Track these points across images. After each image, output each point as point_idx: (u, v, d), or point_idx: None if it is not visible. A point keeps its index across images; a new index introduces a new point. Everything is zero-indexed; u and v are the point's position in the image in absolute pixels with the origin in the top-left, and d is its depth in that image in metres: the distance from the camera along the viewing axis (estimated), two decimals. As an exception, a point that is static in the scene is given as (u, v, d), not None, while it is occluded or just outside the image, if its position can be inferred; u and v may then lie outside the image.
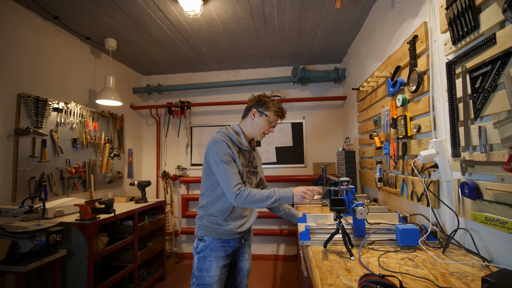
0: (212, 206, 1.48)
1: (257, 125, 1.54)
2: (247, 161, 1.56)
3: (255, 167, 1.64)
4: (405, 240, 1.14)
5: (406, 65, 1.64)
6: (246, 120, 1.57)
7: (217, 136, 1.46)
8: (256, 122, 1.53)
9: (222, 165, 1.38)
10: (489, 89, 0.97)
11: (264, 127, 1.54)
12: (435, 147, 1.24)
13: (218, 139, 1.44)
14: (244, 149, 1.55)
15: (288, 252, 3.68)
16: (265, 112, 1.53)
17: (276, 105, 1.55)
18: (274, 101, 1.55)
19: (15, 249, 1.71)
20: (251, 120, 1.54)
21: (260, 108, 1.54)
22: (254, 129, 1.54)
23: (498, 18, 0.94)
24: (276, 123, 1.58)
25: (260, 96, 1.57)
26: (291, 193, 1.42)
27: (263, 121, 1.53)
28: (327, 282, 0.86)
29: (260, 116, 1.53)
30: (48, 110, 2.40)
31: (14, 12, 2.17)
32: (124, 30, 2.64)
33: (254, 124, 1.54)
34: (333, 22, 2.59)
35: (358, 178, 2.65)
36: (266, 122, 1.53)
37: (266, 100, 1.54)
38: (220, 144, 1.42)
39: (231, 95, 3.87)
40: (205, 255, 1.44)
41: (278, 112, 1.55)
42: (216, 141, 1.43)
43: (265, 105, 1.53)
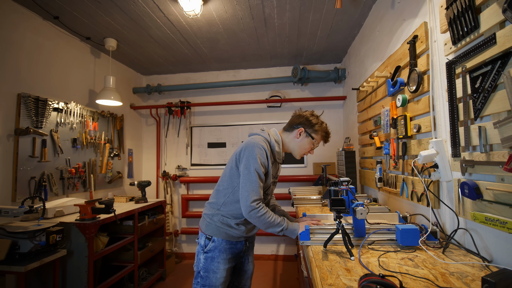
0: (227, 208, 1.43)
1: (300, 145, 1.48)
2: (276, 173, 1.53)
3: (276, 176, 1.61)
4: (405, 240, 1.14)
5: (406, 65, 1.64)
6: (290, 136, 1.51)
7: (259, 141, 1.38)
8: (301, 142, 1.48)
9: (253, 173, 1.32)
10: (489, 89, 0.97)
11: (307, 148, 1.49)
12: (435, 147, 1.24)
13: (260, 144, 1.36)
14: (278, 162, 1.51)
15: (288, 252, 3.68)
16: (313, 134, 1.47)
17: (325, 129, 1.50)
18: (323, 124, 1.50)
19: (15, 249, 1.71)
20: (296, 138, 1.48)
21: (308, 129, 1.47)
22: (296, 147, 1.49)
23: (498, 18, 0.94)
24: (318, 145, 1.53)
25: (309, 116, 1.50)
26: (297, 229, 1.35)
27: (307, 142, 1.47)
28: (327, 282, 0.86)
29: (307, 137, 1.47)
30: (48, 110, 2.40)
31: (14, 12, 2.17)
32: (124, 30, 2.64)
33: (298, 143, 1.48)
34: (333, 22, 2.59)
35: (358, 178, 2.65)
36: (310, 144, 1.48)
37: (315, 122, 1.48)
38: (261, 151, 1.35)
39: (231, 95, 3.87)
40: (213, 256, 1.40)
41: (325, 136, 1.50)
42: (257, 146, 1.35)
43: (313, 127, 1.47)
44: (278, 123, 3.76)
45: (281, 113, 3.80)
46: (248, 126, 3.81)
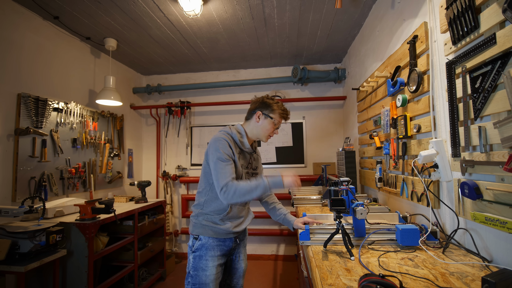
0: (209, 205, 1.46)
1: (262, 128, 1.52)
2: (247, 163, 1.56)
3: (254, 168, 1.63)
4: (405, 240, 1.14)
5: (406, 65, 1.64)
6: (251, 122, 1.56)
7: (220, 135, 1.45)
8: (261, 125, 1.52)
9: (218, 163, 1.37)
10: (489, 89, 0.97)
11: (269, 129, 1.53)
12: (435, 147, 1.24)
13: (220, 137, 1.43)
14: (246, 151, 1.54)
15: (288, 252, 3.68)
16: (270, 114, 1.51)
17: (281, 107, 1.54)
18: (278, 103, 1.55)
19: (15, 249, 1.71)
20: (256, 122, 1.53)
21: (265, 111, 1.52)
22: (259, 131, 1.53)
23: (498, 18, 0.94)
24: (280, 125, 1.57)
25: (264, 98, 1.55)
26: (280, 178, 1.39)
27: (268, 123, 1.52)
28: (327, 282, 0.86)
29: (265, 118, 1.51)
30: (48, 110, 2.40)
31: (14, 12, 2.17)
32: (124, 30, 2.64)
33: (259, 127, 1.53)
34: (333, 22, 2.59)
35: (358, 178, 2.65)
36: (271, 125, 1.52)
37: (270, 102, 1.53)
38: (221, 143, 1.41)
39: (231, 95, 3.87)
40: (201, 254, 1.43)
41: (283, 114, 1.54)
42: (217, 139, 1.42)
43: (270, 108, 1.52)
44: (278, 123, 3.76)
45: (281, 113, 3.79)
46: (248, 126, 3.81)
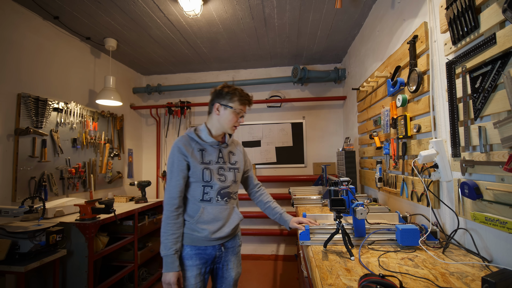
0: (186, 211, 1.40)
1: (224, 119, 1.41)
2: (217, 157, 1.44)
3: (232, 163, 1.50)
4: (405, 240, 1.14)
5: (406, 65, 1.64)
6: (213, 116, 1.45)
7: (175, 143, 1.40)
8: (223, 116, 1.41)
9: (168, 174, 1.37)
10: (489, 89, 0.97)
11: (231, 120, 1.41)
12: (435, 147, 1.25)
13: (174, 146, 1.39)
14: (209, 145, 1.43)
15: (288, 252, 3.68)
16: (229, 104, 1.40)
17: (240, 93, 1.41)
18: (237, 89, 1.42)
19: (15, 249, 1.71)
20: (217, 115, 1.43)
21: (223, 101, 1.41)
22: (222, 123, 1.42)
23: (498, 18, 0.94)
24: (244, 112, 1.46)
25: (220, 89, 1.43)
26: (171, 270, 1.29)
27: (229, 114, 1.41)
28: (327, 282, 0.86)
29: (225, 109, 1.40)
30: (48, 110, 2.40)
31: (14, 12, 2.17)
32: (124, 30, 2.64)
33: (221, 119, 1.42)
34: (333, 22, 2.59)
35: (358, 178, 2.65)
36: (233, 114, 1.41)
37: (227, 90, 1.41)
38: (174, 150, 1.38)
39: (231, 95, 3.87)
40: (180, 263, 1.35)
41: (243, 100, 1.42)
42: (172, 149, 1.39)
43: (227, 97, 1.40)
44: (278, 123, 3.77)
45: (281, 113, 3.80)
46: (248, 126, 3.82)
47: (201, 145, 1.42)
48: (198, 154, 1.39)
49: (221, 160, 1.45)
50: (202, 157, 1.40)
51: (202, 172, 1.37)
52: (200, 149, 1.41)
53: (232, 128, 1.45)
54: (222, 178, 1.42)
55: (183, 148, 1.37)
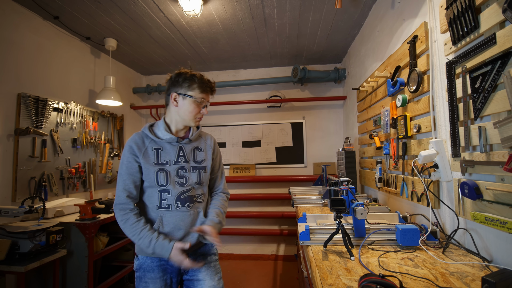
0: None
1: (184, 111, 1.23)
2: (176, 156, 1.26)
3: (198, 161, 1.30)
4: (405, 240, 1.14)
5: (406, 65, 1.64)
6: (171, 109, 1.26)
7: (127, 143, 1.25)
8: (182, 108, 1.23)
9: (118, 176, 1.23)
10: (489, 89, 0.97)
11: (192, 111, 1.23)
12: (435, 147, 1.25)
13: (126, 145, 1.24)
14: (167, 142, 1.26)
15: (288, 252, 3.68)
16: (188, 92, 1.22)
17: (199, 80, 1.22)
18: (195, 75, 1.23)
19: (15, 249, 1.71)
20: (175, 107, 1.24)
21: (180, 90, 1.22)
22: (182, 116, 1.24)
23: (498, 18, 0.94)
24: (207, 101, 1.27)
25: (175, 76, 1.24)
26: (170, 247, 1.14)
27: (189, 104, 1.22)
28: (327, 282, 0.86)
29: (184, 99, 1.22)
30: (48, 110, 2.40)
31: (14, 12, 2.17)
32: (124, 30, 2.64)
33: (181, 111, 1.23)
34: (333, 22, 2.59)
35: (358, 178, 2.65)
36: (194, 105, 1.22)
37: (184, 78, 1.22)
38: (125, 151, 1.23)
39: (231, 95, 3.87)
40: (140, 275, 1.27)
41: (204, 88, 1.24)
42: (124, 149, 1.25)
43: (185, 85, 1.21)
44: (278, 123, 3.77)
45: (281, 113, 3.80)
46: (248, 126, 3.82)
47: (156, 143, 1.25)
48: (152, 154, 1.23)
49: (181, 159, 1.26)
50: (157, 157, 1.23)
51: (156, 175, 1.21)
52: (155, 148, 1.24)
53: (194, 120, 1.27)
54: (181, 180, 1.24)
55: (135, 147, 1.21)
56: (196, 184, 1.28)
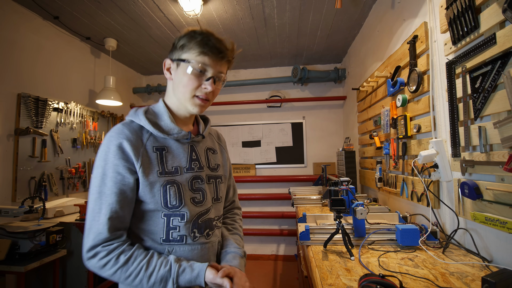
0: None
1: (180, 84, 0.82)
2: (188, 160, 0.87)
3: (213, 167, 0.95)
4: (405, 240, 1.14)
5: (406, 65, 1.64)
6: (169, 88, 0.90)
7: (110, 136, 0.79)
8: (177, 80, 0.83)
9: (93, 196, 0.76)
10: (489, 89, 0.97)
11: (191, 83, 0.80)
12: (435, 147, 1.24)
13: (109, 137, 0.79)
14: (174, 139, 0.86)
15: (288, 252, 3.68)
16: (183, 55, 0.81)
17: (201, 36, 0.80)
18: (195, 32, 0.81)
19: (15, 249, 1.71)
20: (170, 82, 0.87)
21: (174, 55, 0.83)
22: (179, 94, 0.84)
23: (498, 18, 0.94)
24: (215, 70, 0.81)
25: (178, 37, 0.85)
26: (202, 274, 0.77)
27: (182, 74, 0.81)
28: (327, 282, 0.86)
29: (178, 66, 0.82)
30: (48, 110, 2.40)
31: (14, 12, 2.17)
32: (124, 30, 2.64)
33: (176, 86, 0.84)
34: (333, 22, 2.59)
35: (358, 178, 2.65)
36: (192, 74, 0.80)
37: (179, 36, 0.84)
38: (104, 150, 0.78)
39: (231, 95, 3.87)
40: None
41: (207, 47, 0.79)
42: (103, 146, 0.78)
43: (179, 44, 0.82)
44: (278, 123, 3.77)
45: (281, 113, 3.80)
46: (248, 126, 3.82)
47: (159, 140, 0.84)
48: (154, 158, 0.81)
49: (195, 164, 0.88)
50: (163, 163, 0.82)
51: (164, 191, 0.80)
52: (157, 148, 0.83)
53: (192, 101, 0.83)
54: (198, 196, 0.86)
55: (128, 147, 0.77)
56: (214, 201, 0.92)
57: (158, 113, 0.88)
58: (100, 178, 0.77)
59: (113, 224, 0.76)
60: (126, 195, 0.78)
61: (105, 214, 0.75)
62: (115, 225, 0.76)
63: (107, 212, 0.75)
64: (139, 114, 0.85)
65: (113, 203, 0.76)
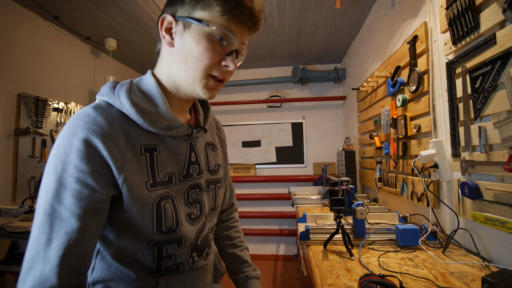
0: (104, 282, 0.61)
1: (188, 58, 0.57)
2: (187, 164, 0.65)
3: (213, 169, 0.74)
4: (405, 240, 1.14)
5: (406, 65, 1.64)
6: (162, 56, 0.64)
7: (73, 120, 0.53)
8: (185, 52, 0.57)
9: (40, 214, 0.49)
10: (489, 89, 0.97)
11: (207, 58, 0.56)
12: (435, 147, 1.25)
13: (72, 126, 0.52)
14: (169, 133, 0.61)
15: (288, 252, 3.68)
16: (196, 14, 0.55)
17: None
18: None
19: (15, 249, 1.71)
20: (168, 49, 0.61)
21: (181, 11, 0.57)
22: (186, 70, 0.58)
23: (498, 18, 0.94)
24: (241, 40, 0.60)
25: None
26: None
27: (196, 41, 0.56)
28: (327, 282, 0.86)
29: (187, 29, 0.57)
30: (48, 110, 2.40)
31: (14, 12, 2.17)
32: (124, 30, 2.64)
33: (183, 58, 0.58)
34: (333, 22, 2.59)
35: (358, 178, 2.65)
36: (211, 44, 0.56)
37: None
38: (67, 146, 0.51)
39: (231, 95, 3.87)
40: None
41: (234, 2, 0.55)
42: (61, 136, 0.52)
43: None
44: (278, 123, 3.77)
45: (281, 113, 3.80)
46: (248, 126, 3.82)
47: (147, 135, 0.59)
48: (143, 163, 0.57)
49: (195, 169, 0.66)
50: (155, 169, 0.58)
51: (159, 209, 0.57)
52: (149, 148, 0.58)
53: (204, 82, 0.59)
54: (194, 211, 0.66)
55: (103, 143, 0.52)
56: (212, 211, 0.73)
57: (148, 94, 0.59)
58: (54, 190, 0.49)
59: (70, 265, 0.48)
60: (95, 219, 0.51)
61: (58, 249, 0.47)
62: (74, 267, 0.48)
63: (61, 246, 0.47)
64: (120, 94, 0.56)
65: (73, 232, 0.48)
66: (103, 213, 0.53)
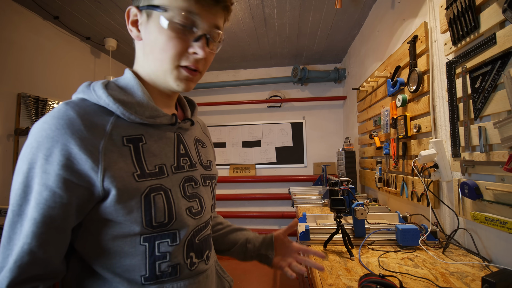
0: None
1: (153, 49, 0.56)
2: (176, 156, 0.61)
3: (206, 164, 0.71)
4: (405, 240, 1.14)
5: (406, 65, 1.64)
6: (137, 50, 0.66)
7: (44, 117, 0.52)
8: (150, 43, 0.56)
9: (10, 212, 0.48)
10: (489, 89, 0.97)
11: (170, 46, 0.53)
12: (435, 147, 1.25)
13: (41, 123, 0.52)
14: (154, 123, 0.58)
15: (288, 252, 3.68)
16: (155, 1, 0.53)
17: None
18: None
19: (15, 249, 1.71)
20: (139, 43, 0.62)
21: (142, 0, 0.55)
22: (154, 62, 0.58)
23: (498, 18, 0.94)
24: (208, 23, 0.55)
25: None
26: None
27: (158, 31, 0.53)
28: (327, 282, 0.86)
29: (149, 19, 0.55)
30: (48, 110, 2.40)
31: (14, 12, 2.17)
32: (124, 30, 2.64)
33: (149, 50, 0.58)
34: (333, 22, 2.59)
35: (358, 178, 2.65)
36: (173, 31, 0.53)
37: None
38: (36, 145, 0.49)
39: (231, 95, 3.87)
40: None
41: None
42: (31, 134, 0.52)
43: None
44: (278, 123, 3.77)
45: (281, 113, 3.80)
46: (248, 126, 3.82)
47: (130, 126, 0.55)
48: (127, 154, 0.53)
49: (185, 161, 0.63)
50: (142, 160, 0.54)
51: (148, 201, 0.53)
52: (132, 138, 0.55)
53: (175, 73, 0.56)
54: (194, 206, 0.62)
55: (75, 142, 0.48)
56: (212, 210, 0.72)
57: (126, 87, 0.57)
58: (22, 190, 0.48)
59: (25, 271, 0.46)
60: (55, 224, 0.47)
61: (14, 254, 0.46)
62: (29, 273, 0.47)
63: (17, 252, 0.46)
64: (95, 88, 0.54)
65: (28, 237, 0.46)
66: (68, 218, 0.49)
